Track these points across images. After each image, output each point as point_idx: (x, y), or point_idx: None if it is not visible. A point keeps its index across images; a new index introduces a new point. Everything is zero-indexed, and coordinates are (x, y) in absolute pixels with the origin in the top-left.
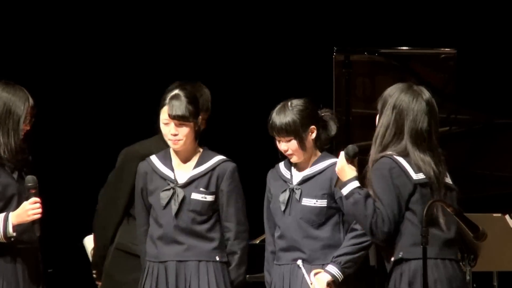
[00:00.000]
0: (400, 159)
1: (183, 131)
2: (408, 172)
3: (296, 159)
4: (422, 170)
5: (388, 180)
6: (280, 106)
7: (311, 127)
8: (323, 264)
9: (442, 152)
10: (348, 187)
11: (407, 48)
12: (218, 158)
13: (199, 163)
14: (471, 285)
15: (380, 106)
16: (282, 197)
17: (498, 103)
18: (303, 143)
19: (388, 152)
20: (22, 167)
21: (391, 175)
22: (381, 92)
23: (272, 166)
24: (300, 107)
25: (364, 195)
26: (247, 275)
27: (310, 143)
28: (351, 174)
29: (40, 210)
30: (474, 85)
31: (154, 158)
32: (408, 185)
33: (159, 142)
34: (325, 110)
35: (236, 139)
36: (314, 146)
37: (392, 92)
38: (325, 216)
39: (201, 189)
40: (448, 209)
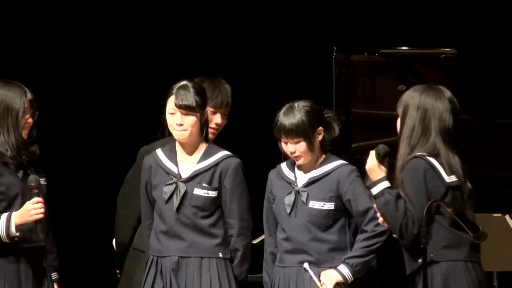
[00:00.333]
0: (433, 160)
1: (189, 121)
2: (441, 175)
3: (303, 161)
4: (453, 170)
5: (421, 182)
6: (287, 108)
7: (319, 128)
8: (329, 267)
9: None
10: (378, 187)
11: (407, 48)
12: (223, 153)
13: (203, 158)
14: None
15: (401, 111)
16: (288, 199)
17: (498, 103)
18: (312, 144)
19: (419, 153)
20: (28, 165)
21: (425, 176)
22: (381, 92)
23: (272, 166)
24: (308, 108)
25: (395, 196)
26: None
27: (317, 145)
28: (381, 174)
29: (42, 210)
30: (474, 85)
31: (159, 152)
32: (441, 188)
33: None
34: (327, 111)
35: (236, 139)
36: (319, 147)
37: (413, 94)
38: (332, 219)
39: (203, 184)
40: (448, 209)
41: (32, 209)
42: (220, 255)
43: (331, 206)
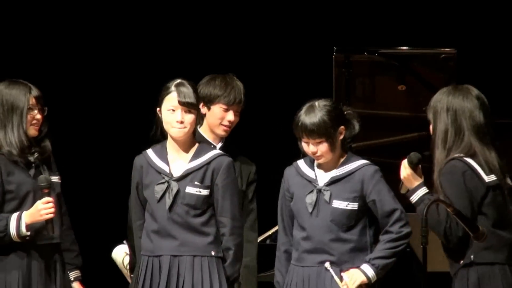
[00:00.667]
0: (471, 161)
1: (189, 118)
2: (480, 175)
3: (324, 160)
4: (492, 169)
5: (460, 184)
6: (308, 107)
7: (341, 127)
8: (351, 267)
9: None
10: (417, 194)
11: (407, 48)
12: (214, 152)
13: (195, 156)
14: None
15: (431, 115)
16: (310, 198)
17: (498, 103)
18: (334, 144)
19: (456, 155)
20: (41, 163)
21: (464, 178)
22: (381, 92)
23: (268, 166)
24: (329, 108)
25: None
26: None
27: (339, 144)
28: (417, 181)
29: (53, 210)
30: (474, 85)
31: (150, 151)
32: (481, 188)
33: None
34: (346, 108)
35: (235, 138)
36: (340, 146)
37: (440, 97)
38: (355, 219)
39: (196, 182)
40: (448, 209)
41: (43, 208)
42: (213, 253)
43: (354, 206)
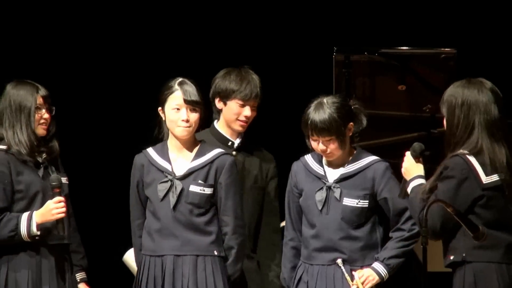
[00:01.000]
0: (473, 160)
1: (194, 117)
2: (478, 176)
3: (334, 157)
4: (497, 168)
5: (453, 181)
6: (317, 105)
7: (350, 123)
8: (361, 266)
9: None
10: (412, 184)
11: (407, 48)
12: (217, 151)
13: (198, 155)
14: None
15: (445, 110)
16: (319, 195)
17: None
18: (344, 141)
19: (461, 151)
20: (49, 163)
21: (461, 176)
22: (381, 92)
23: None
24: (338, 105)
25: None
26: None
27: (348, 141)
28: (417, 172)
29: (64, 210)
30: None
31: (151, 150)
32: (477, 189)
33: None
34: (353, 102)
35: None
36: (349, 142)
37: (453, 91)
38: (365, 217)
39: (199, 181)
40: (448, 209)
41: (54, 208)
42: (215, 253)
43: (365, 203)
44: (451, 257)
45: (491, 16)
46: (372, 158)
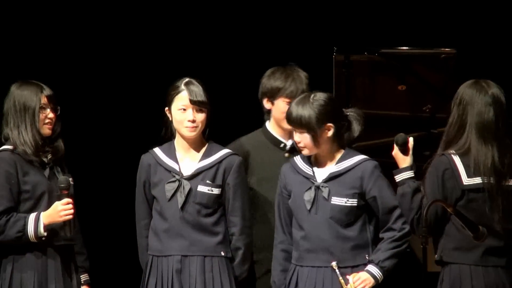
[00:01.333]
0: (457, 160)
1: (200, 117)
2: (459, 177)
3: (307, 152)
4: (481, 170)
5: (439, 180)
6: (302, 97)
7: (328, 124)
8: (352, 266)
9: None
10: (401, 176)
11: (407, 48)
12: (225, 151)
13: (205, 155)
14: None
15: (452, 106)
16: (308, 195)
17: None
18: (316, 138)
19: (449, 150)
20: (55, 163)
21: (444, 175)
22: (381, 92)
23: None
24: (321, 102)
25: (413, 188)
26: None
27: (325, 140)
28: (406, 163)
29: (72, 211)
30: None
31: (158, 150)
32: (457, 190)
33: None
34: (351, 110)
35: (234, 137)
36: (332, 143)
37: (458, 90)
38: (354, 216)
39: (207, 181)
40: (448, 209)
41: (62, 209)
42: (222, 253)
43: (354, 202)
44: (436, 256)
45: (491, 16)
46: (361, 157)
